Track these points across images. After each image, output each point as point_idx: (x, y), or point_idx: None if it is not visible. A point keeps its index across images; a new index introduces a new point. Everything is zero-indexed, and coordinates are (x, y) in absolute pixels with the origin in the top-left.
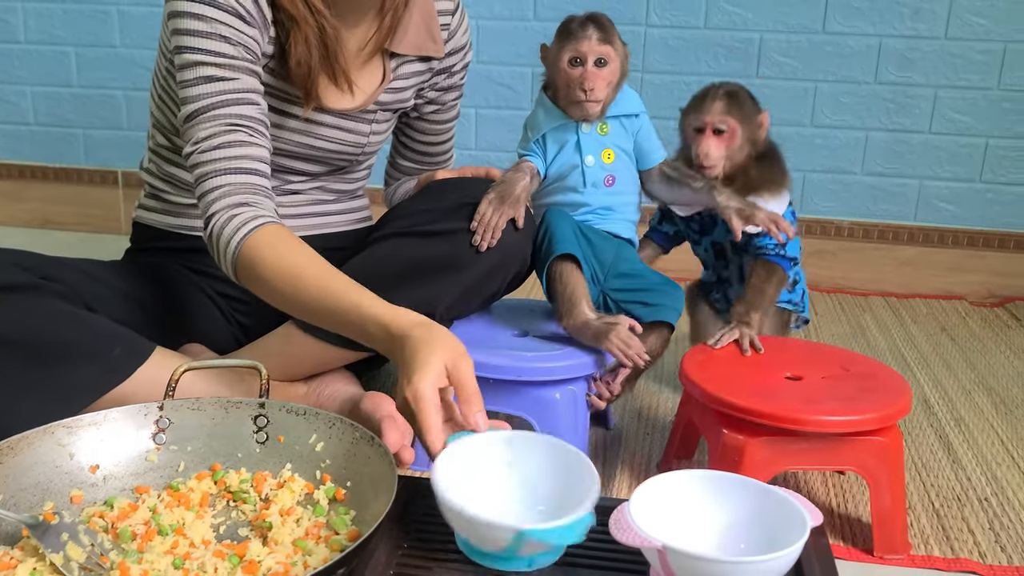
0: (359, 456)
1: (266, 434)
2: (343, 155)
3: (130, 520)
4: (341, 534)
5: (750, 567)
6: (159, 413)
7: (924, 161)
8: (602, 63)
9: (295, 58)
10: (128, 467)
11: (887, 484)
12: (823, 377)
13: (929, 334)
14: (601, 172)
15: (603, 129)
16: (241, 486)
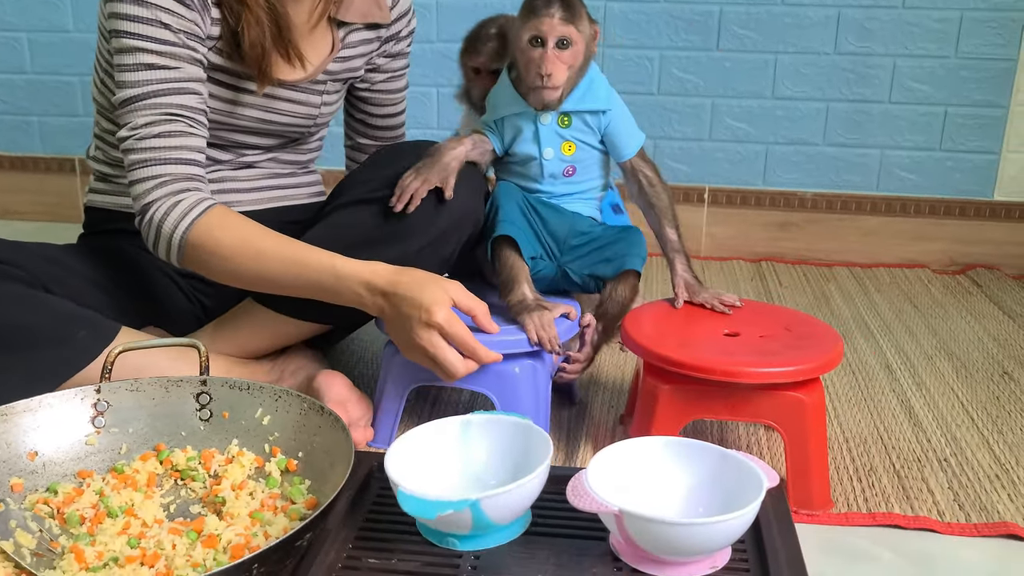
0: (308, 426)
1: (210, 411)
2: (296, 127)
3: (76, 504)
4: (298, 503)
5: (706, 528)
6: (96, 396)
7: (885, 131)
8: (564, 44)
9: (248, 40)
10: (68, 452)
11: (803, 439)
12: (761, 336)
13: (892, 302)
14: (560, 164)
15: (564, 122)
16: (189, 464)
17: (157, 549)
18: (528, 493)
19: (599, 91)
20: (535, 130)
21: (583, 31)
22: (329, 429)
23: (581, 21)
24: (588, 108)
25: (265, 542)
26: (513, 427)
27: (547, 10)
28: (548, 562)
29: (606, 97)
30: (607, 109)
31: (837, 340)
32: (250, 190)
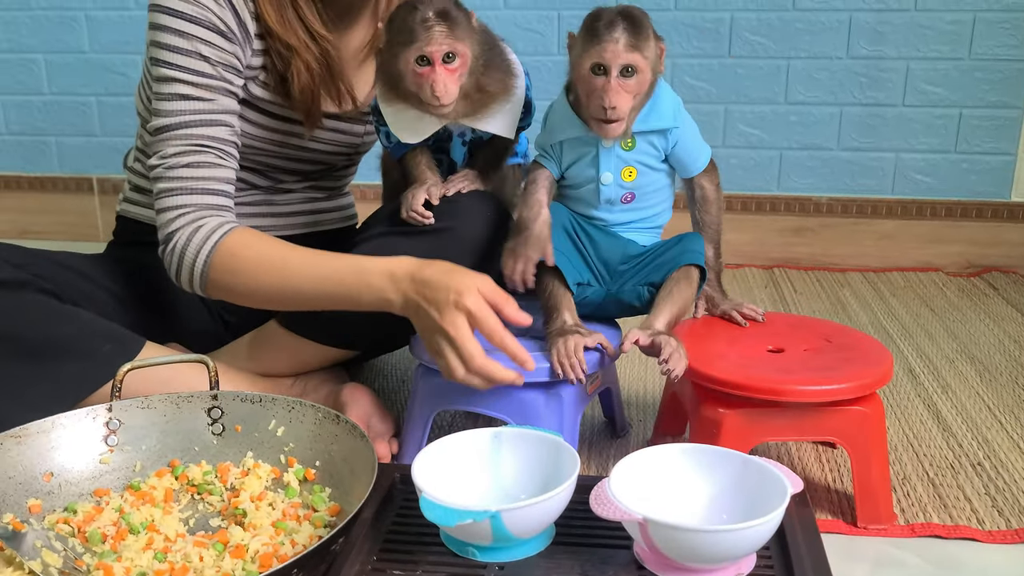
0: (324, 435)
1: (222, 425)
2: (339, 155)
3: (97, 522)
4: (321, 511)
5: (731, 536)
6: (108, 414)
7: (899, 134)
8: (629, 73)
9: (299, 87)
10: (83, 472)
11: (867, 453)
12: (805, 349)
13: (909, 306)
14: (618, 191)
15: (627, 145)
16: (205, 478)
17: (185, 562)
18: (551, 509)
19: (665, 108)
20: (596, 153)
21: (649, 55)
22: (346, 437)
23: (647, 44)
24: (654, 128)
25: (292, 550)
26: (543, 442)
27: (610, 35)
28: (573, 571)
29: (672, 114)
30: (674, 127)
31: (884, 350)
32: (286, 215)
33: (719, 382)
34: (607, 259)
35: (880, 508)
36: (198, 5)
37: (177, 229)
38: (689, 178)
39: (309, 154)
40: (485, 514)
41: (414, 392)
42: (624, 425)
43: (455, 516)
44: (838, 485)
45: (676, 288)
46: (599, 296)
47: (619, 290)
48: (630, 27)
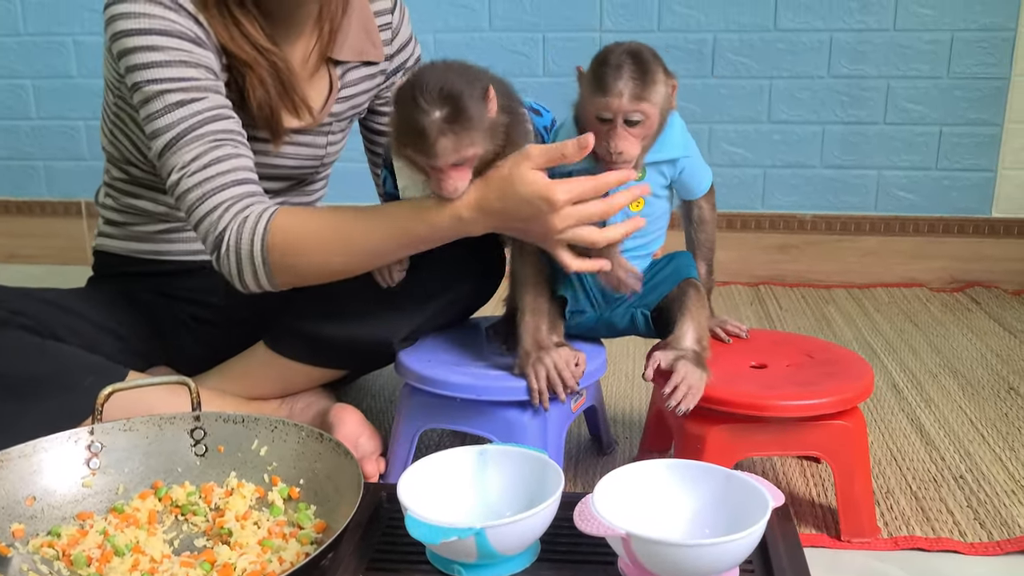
0: (308, 454)
1: (204, 446)
2: (303, 169)
3: (82, 545)
4: (307, 528)
5: (713, 550)
6: (90, 438)
7: (881, 151)
8: (634, 122)
9: (256, 102)
10: (65, 495)
11: (850, 467)
12: (787, 365)
13: (893, 322)
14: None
15: (638, 177)
16: (189, 499)
17: None
18: (535, 526)
19: (675, 138)
20: None
21: (656, 100)
22: (330, 455)
23: (654, 90)
24: (664, 158)
25: (279, 568)
26: (528, 459)
27: (615, 87)
28: None
29: (682, 144)
30: (684, 156)
31: (865, 365)
32: None
33: (703, 398)
34: (601, 285)
35: (863, 521)
36: (162, 19)
37: (223, 229)
38: (690, 201)
39: (275, 170)
40: (470, 531)
41: (399, 411)
42: (610, 442)
43: (440, 533)
44: (822, 499)
45: (688, 302)
46: (591, 321)
47: (611, 315)
48: (636, 74)
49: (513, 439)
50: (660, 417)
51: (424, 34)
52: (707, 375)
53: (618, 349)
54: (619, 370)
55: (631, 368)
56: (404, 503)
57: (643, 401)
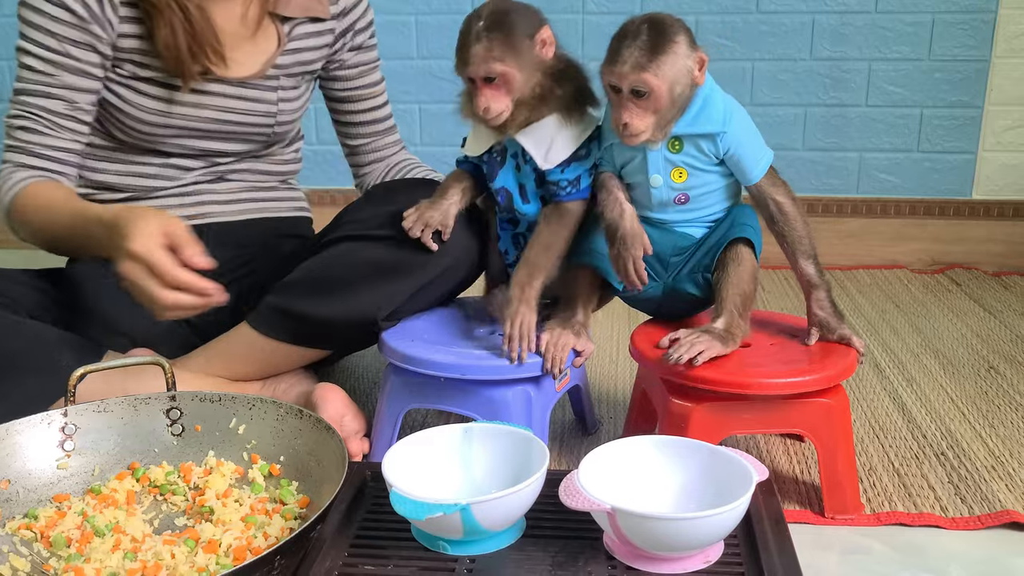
0: (287, 431)
1: (181, 426)
2: (258, 127)
3: (60, 527)
4: (290, 503)
5: (697, 523)
6: (63, 419)
7: (863, 134)
8: (640, 94)
9: (161, 43)
10: (40, 478)
11: (833, 444)
12: (771, 344)
13: (875, 303)
14: (670, 192)
15: (674, 146)
16: (168, 479)
17: (156, 559)
18: (520, 502)
19: (714, 112)
20: (643, 156)
21: (664, 73)
22: (311, 431)
23: (662, 62)
24: (700, 131)
25: (265, 543)
26: (513, 437)
27: (621, 56)
28: (543, 563)
29: (721, 118)
30: (722, 131)
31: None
32: (228, 202)
33: (686, 376)
34: (659, 252)
35: (847, 498)
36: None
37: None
38: (755, 192)
39: (227, 127)
40: (455, 507)
41: (383, 391)
42: (594, 422)
43: (425, 510)
44: (806, 477)
45: (724, 275)
46: (657, 291)
47: (675, 281)
48: (647, 45)
49: (497, 418)
50: (645, 397)
51: (405, 15)
52: (722, 347)
53: (602, 331)
54: (603, 351)
55: (615, 350)
56: (389, 480)
57: (627, 382)
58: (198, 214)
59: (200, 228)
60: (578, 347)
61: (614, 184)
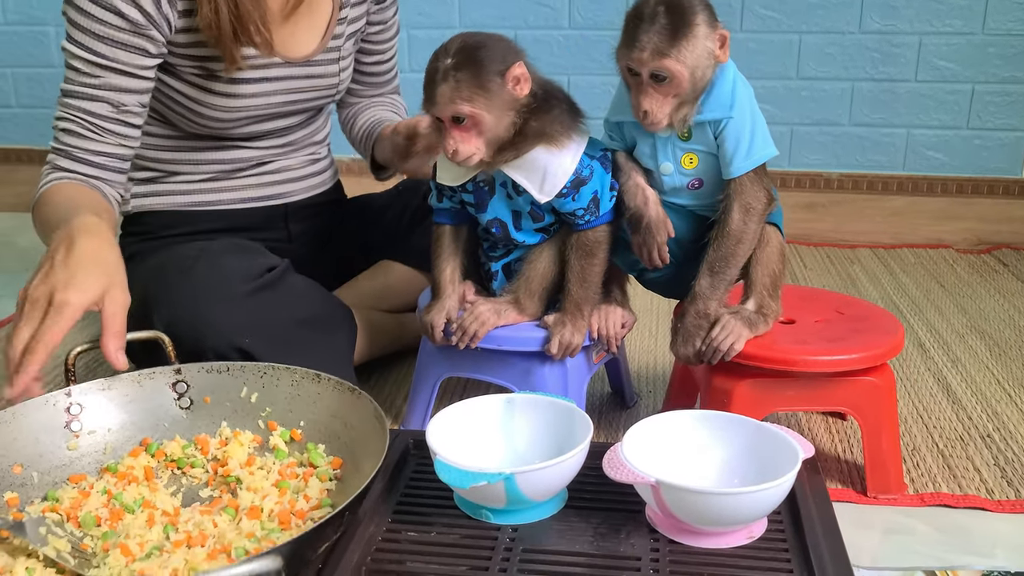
0: (305, 396)
1: (189, 399)
2: (323, 99)
3: (86, 507)
4: (322, 466)
5: (743, 499)
6: (68, 400)
7: (911, 110)
8: (660, 79)
9: (203, 22)
10: (52, 460)
11: (878, 423)
12: (816, 320)
13: (919, 282)
14: (682, 179)
15: (684, 135)
16: (185, 452)
17: (199, 529)
18: (563, 472)
19: (722, 97)
20: (652, 142)
21: (686, 57)
22: (331, 394)
23: (684, 46)
24: (707, 118)
25: (307, 505)
26: (556, 408)
27: (639, 40)
28: (585, 534)
29: (728, 103)
30: (728, 117)
31: (895, 322)
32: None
33: None
34: (679, 237)
35: (890, 478)
36: None
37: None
38: (727, 189)
39: (291, 105)
40: (499, 476)
41: (420, 359)
42: (632, 396)
43: (469, 478)
44: (847, 456)
45: (751, 256)
46: (670, 272)
47: (688, 261)
48: (666, 27)
49: (533, 389)
50: (686, 371)
51: None
52: (751, 332)
53: (642, 305)
54: (643, 326)
55: (654, 323)
56: (433, 448)
57: (666, 356)
58: (275, 194)
59: (277, 208)
60: (623, 319)
61: (631, 167)
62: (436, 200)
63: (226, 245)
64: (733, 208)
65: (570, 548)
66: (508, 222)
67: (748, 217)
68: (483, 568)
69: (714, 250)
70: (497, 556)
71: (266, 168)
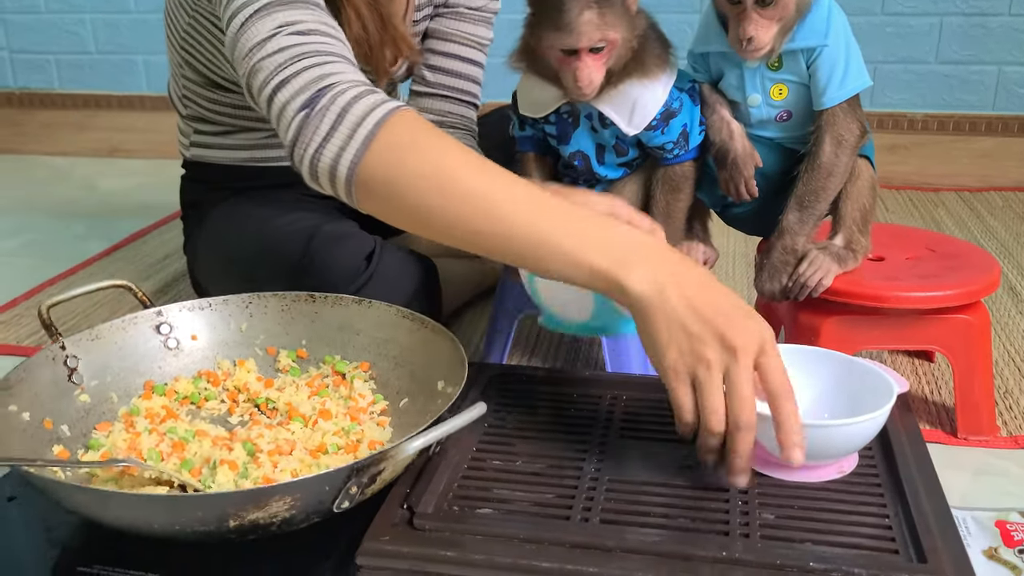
0: (299, 317)
1: (176, 339)
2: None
3: (144, 446)
4: (349, 370)
5: (835, 432)
6: (64, 353)
7: (1003, 46)
8: (766, 3)
9: (352, 38)
10: (73, 413)
11: (971, 363)
12: (907, 258)
13: (1009, 225)
14: (771, 111)
15: (774, 65)
16: (196, 386)
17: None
18: None
19: (817, 24)
20: (740, 73)
21: None
22: (330, 310)
23: None
24: (800, 46)
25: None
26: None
27: None
28: (671, 465)
29: (823, 31)
30: (823, 45)
31: (991, 259)
32: None
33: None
34: (766, 171)
35: (982, 419)
36: None
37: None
38: (822, 117)
39: None
40: None
41: (498, 296)
42: None
43: None
44: (936, 397)
45: (841, 190)
46: (756, 206)
47: (776, 196)
48: None
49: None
50: (769, 308)
51: None
52: (840, 268)
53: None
54: (721, 266)
55: (731, 265)
56: None
57: (747, 296)
58: None
59: None
60: (705, 255)
61: (716, 100)
62: (519, 129)
63: (323, 239)
64: (825, 140)
65: (657, 479)
66: (591, 155)
67: (840, 149)
68: (569, 496)
69: (803, 183)
70: (583, 485)
71: None
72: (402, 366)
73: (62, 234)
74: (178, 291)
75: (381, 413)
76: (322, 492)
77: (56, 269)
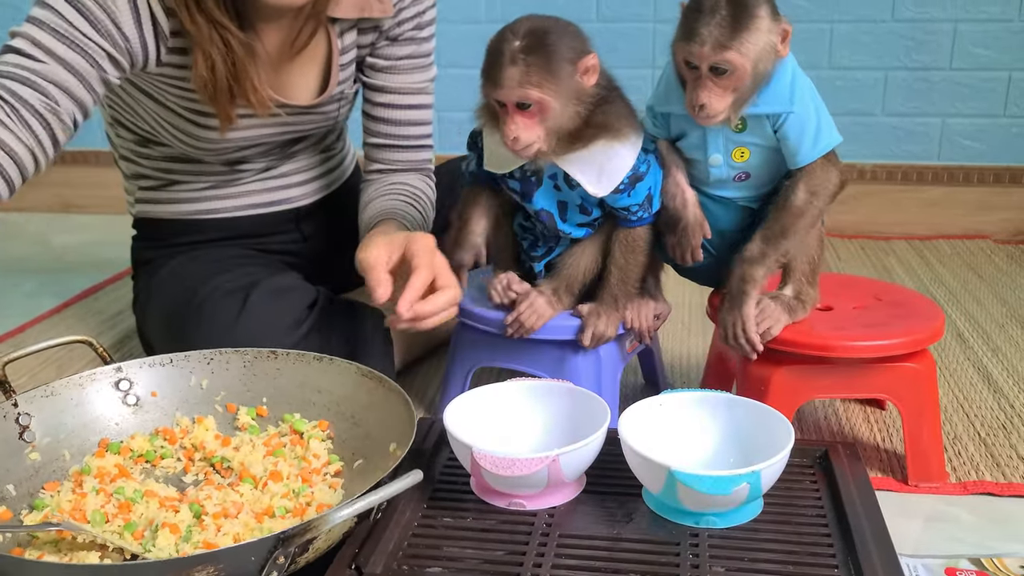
0: (261, 375)
1: (135, 396)
2: (323, 128)
3: (88, 507)
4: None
5: None
6: (15, 411)
7: (946, 98)
8: (721, 72)
9: (196, 79)
10: (19, 472)
11: (919, 410)
12: (854, 307)
13: (956, 273)
14: (729, 171)
15: (738, 127)
16: (152, 444)
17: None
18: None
19: (781, 90)
20: (702, 133)
21: (748, 50)
22: (292, 368)
23: (746, 38)
24: (765, 111)
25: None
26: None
27: (700, 34)
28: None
29: (788, 97)
30: (788, 111)
31: (935, 307)
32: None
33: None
34: (722, 228)
35: (932, 466)
36: None
37: None
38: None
39: (290, 136)
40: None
41: (452, 348)
42: (666, 386)
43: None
44: (887, 444)
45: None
46: (710, 263)
47: (730, 252)
48: (728, 19)
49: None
50: (721, 359)
51: None
52: (790, 318)
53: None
54: (676, 317)
55: (687, 315)
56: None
57: (699, 346)
58: (281, 199)
59: (286, 213)
60: (656, 311)
61: (672, 161)
62: (475, 165)
63: (262, 292)
64: (799, 188)
65: (608, 532)
66: (555, 213)
67: (815, 197)
68: (520, 553)
69: (773, 220)
70: (534, 541)
71: (270, 174)
72: (359, 426)
73: (12, 292)
74: (131, 347)
75: (335, 475)
76: (247, 562)
77: (6, 327)
